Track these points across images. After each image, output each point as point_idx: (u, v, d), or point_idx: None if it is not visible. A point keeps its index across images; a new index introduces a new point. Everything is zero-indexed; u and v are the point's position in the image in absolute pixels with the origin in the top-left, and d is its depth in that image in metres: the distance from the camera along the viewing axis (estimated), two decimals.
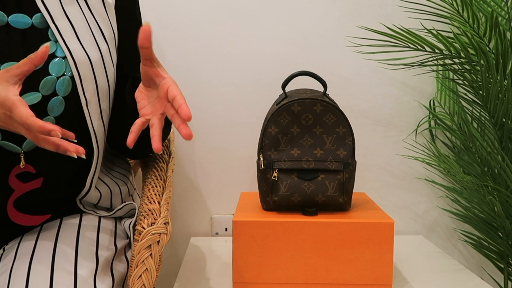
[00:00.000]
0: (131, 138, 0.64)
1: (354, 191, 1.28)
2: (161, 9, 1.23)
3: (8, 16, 0.70)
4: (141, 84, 0.70)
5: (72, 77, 0.72)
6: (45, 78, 0.70)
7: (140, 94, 0.69)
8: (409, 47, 1.03)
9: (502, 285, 1.23)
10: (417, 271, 1.02)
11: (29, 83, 0.69)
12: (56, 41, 0.72)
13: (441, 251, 1.16)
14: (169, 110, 0.64)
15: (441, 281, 0.97)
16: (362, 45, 1.24)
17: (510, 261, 1.13)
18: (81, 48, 0.74)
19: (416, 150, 1.30)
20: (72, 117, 0.74)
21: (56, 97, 0.71)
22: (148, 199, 0.80)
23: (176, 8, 1.23)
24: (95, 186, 0.81)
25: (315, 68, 1.26)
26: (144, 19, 1.22)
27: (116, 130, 0.84)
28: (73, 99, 0.73)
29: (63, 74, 0.71)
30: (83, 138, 0.76)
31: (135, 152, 0.91)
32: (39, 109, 0.70)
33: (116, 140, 0.87)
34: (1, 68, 0.68)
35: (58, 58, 0.71)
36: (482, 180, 1.09)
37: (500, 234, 1.14)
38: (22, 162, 0.71)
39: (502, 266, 1.16)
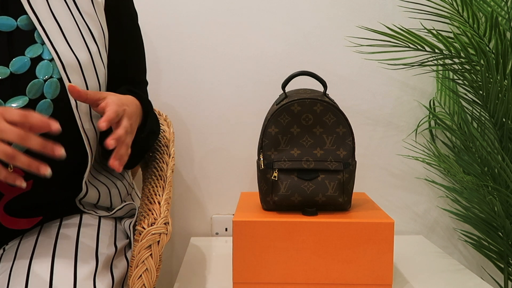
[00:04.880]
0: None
1: (354, 191, 1.28)
2: (161, 9, 1.23)
3: None
4: None
5: (60, 79, 0.71)
6: (32, 82, 0.68)
7: None
8: (409, 47, 1.03)
9: (502, 285, 1.23)
10: (417, 271, 1.02)
11: (15, 87, 0.68)
12: (43, 43, 0.71)
13: (441, 251, 1.16)
14: None
15: (441, 281, 0.97)
16: (362, 45, 1.24)
17: (510, 261, 1.13)
18: (69, 50, 0.72)
19: (416, 150, 1.29)
20: (62, 120, 0.73)
21: (44, 100, 0.70)
22: (148, 199, 0.80)
23: (175, 8, 1.23)
24: (94, 186, 0.81)
25: (315, 68, 1.26)
26: (144, 19, 1.22)
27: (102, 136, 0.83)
28: (62, 102, 0.71)
29: (51, 77, 0.70)
30: (75, 140, 0.75)
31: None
32: None
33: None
34: None
35: (45, 61, 0.70)
36: (482, 180, 1.09)
37: (500, 234, 1.14)
38: (10, 166, 0.70)
39: (502, 266, 1.16)
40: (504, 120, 1.02)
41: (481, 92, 1.02)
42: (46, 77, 0.70)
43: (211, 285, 0.94)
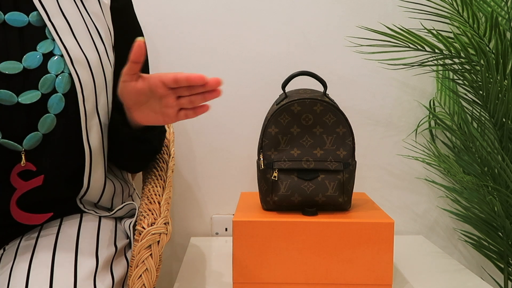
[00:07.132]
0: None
1: (354, 191, 1.28)
2: (161, 9, 1.23)
3: (4, 15, 0.70)
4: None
5: (70, 74, 0.72)
6: (44, 76, 0.70)
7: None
8: (409, 47, 1.03)
9: (502, 285, 1.23)
10: (417, 271, 1.02)
11: (28, 82, 0.69)
12: (54, 39, 0.72)
13: (441, 251, 1.16)
14: (183, 92, 0.66)
15: (441, 281, 0.97)
16: (362, 45, 1.24)
17: (510, 261, 1.13)
18: (78, 47, 0.74)
19: (416, 150, 1.29)
20: (73, 115, 0.74)
21: (55, 94, 0.71)
22: (148, 199, 0.80)
23: (175, 8, 1.23)
24: (104, 183, 0.81)
25: (315, 68, 1.26)
26: (144, 19, 1.22)
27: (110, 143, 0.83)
28: (72, 97, 0.73)
29: (62, 72, 0.72)
30: (81, 137, 0.76)
31: (127, 165, 0.90)
32: (39, 107, 0.70)
33: (111, 153, 0.86)
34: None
35: (56, 57, 0.72)
36: (482, 180, 1.09)
37: (500, 234, 1.14)
38: (23, 161, 0.71)
39: (502, 266, 1.16)
40: (504, 120, 1.02)
41: (481, 92, 1.02)
42: (58, 72, 0.71)
43: (211, 285, 0.94)
